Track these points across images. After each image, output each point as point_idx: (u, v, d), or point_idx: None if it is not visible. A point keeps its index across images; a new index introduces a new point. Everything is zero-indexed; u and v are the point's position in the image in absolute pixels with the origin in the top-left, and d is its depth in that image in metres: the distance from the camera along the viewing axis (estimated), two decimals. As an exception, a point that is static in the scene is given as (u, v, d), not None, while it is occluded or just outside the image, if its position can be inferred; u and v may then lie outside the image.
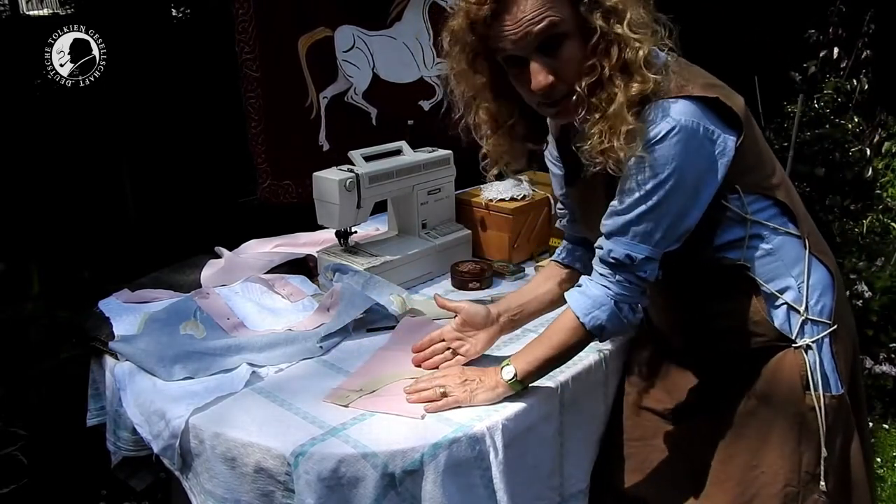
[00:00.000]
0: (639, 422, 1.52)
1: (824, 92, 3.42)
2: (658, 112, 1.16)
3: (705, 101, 1.19)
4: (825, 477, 1.29)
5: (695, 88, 1.19)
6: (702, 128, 1.18)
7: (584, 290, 1.29)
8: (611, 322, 1.27)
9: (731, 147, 1.21)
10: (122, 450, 1.52)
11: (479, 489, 1.26)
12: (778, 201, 1.30)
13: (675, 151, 1.16)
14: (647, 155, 1.16)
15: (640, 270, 1.24)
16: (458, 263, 1.92)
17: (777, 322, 1.30)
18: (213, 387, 1.40)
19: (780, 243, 1.30)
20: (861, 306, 2.77)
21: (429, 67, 3.00)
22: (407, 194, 1.96)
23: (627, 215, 1.22)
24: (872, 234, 3.36)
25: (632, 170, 1.19)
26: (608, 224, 1.25)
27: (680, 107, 1.17)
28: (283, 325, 1.65)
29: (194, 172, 2.84)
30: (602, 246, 1.26)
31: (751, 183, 1.27)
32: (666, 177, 1.17)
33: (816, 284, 1.32)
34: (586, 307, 1.27)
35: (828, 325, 1.32)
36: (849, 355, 1.36)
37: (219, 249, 2.02)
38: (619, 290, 1.26)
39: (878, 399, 2.74)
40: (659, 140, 1.16)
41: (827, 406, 1.29)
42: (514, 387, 1.32)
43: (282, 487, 1.23)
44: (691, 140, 1.17)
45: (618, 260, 1.24)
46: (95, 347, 1.60)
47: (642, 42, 1.14)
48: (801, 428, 1.30)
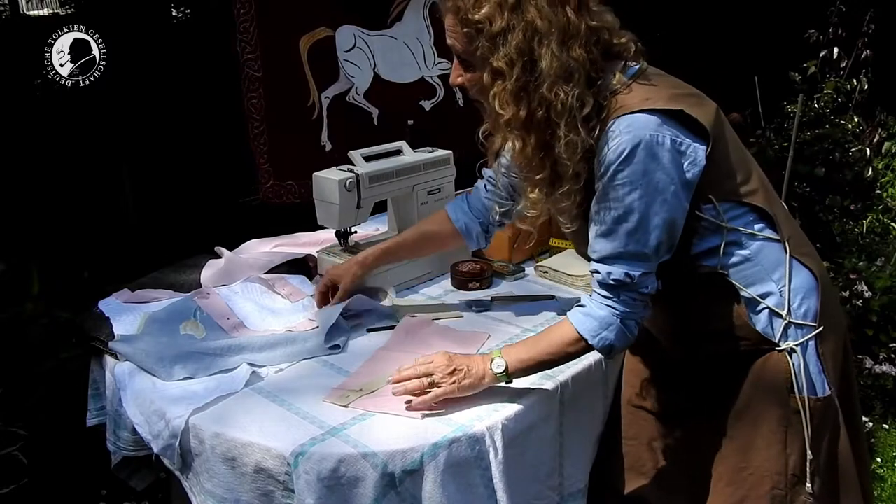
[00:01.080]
0: (634, 421, 1.52)
1: (824, 92, 3.42)
2: (620, 128, 1.17)
3: (670, 113, 1.19)
4: (812, 478, 1.29)
5: (658, 101, 1.19)
6: (668, 139, 1.18)
7: (588, 311, 1.29)
8: (619, 341, 1.28)
9: (702, 156, 1.21)
10: (122, 450, 1.52)
11: (479, 489, 1.26)
12: (755, 207, 1.29)
13: (643, 166, 1.17)
14: (617, 174, 1.17)
15: (642, 287, 1.25)
16: (457, 263, 1.92)
17: (759, 326, 1.30)
18: (213, 387, 1.40)
19: (758, 248, 1.29)
20: (861, 306, 2.77)
21: (429, 67, 3.00)
22: (407, 194, 1.96)
23: (615, 237, 1.22)
24: (872, 233, 3.36)
25: (607, 190, 1.20)
26: (598, 249, 1.26)
27: (643, 121, 1.17)
28: (283, 325, 1.65)
29: (194, 172, 2.84)
30: (599, 270, 1.26)
31: (726, 190, 1.27)
32: (642, 192, 1.18)
33: (799, 288, 1.31)
34: (593, 329, 1.27)
35: (813, 327, 1.31)
36: (838, 356, 1.35)
37: (219, 249, 2.02)
38: (624, 308, 1.26)
39: (878, 399, 2.73)
40: (626, 157, 1.17)
41: (812, 409, 1.29)
42: (500, 379, 1.33)
43: (282, 487, 1.23)
44: (659, 151, 1.17)
45: (618, 280, 1.24)
46: (95, 347, 1.60)
47: (510, 115, 1.19)
48: (786, 430, 1.30)
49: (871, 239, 3.30)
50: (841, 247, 3.12)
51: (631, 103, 1.18)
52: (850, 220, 3.36)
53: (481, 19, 1.16)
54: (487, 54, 1.18)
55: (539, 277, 1.94)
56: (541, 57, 1.15)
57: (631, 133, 1.16)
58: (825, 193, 3.34)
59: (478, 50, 1.19)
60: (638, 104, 1.18)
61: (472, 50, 1.21)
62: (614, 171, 1.18)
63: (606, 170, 1.19)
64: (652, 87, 1.22)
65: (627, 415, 1.52)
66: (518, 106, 1.18)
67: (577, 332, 1.29)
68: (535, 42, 1.15)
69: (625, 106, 1.18)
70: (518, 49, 1.15)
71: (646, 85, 1.22)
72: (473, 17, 1.17)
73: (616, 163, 1.17)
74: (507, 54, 1.16)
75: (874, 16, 3.42)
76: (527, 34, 1.15)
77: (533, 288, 1.88)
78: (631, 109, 1.18)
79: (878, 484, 2.40)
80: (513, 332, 1.62)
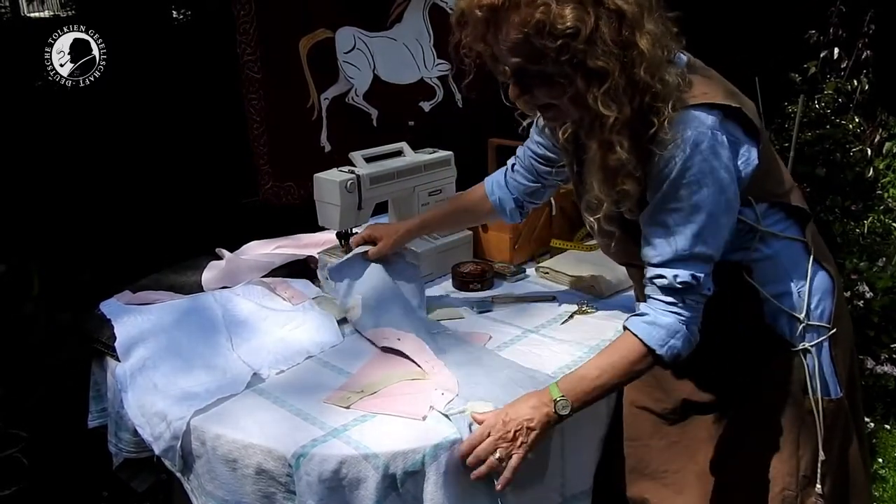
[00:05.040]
0: (636, 422, 1.51)
1: (825, 92, 3.42)
2: (684, 124, 1.13)
3: (728, 110, 1.16)
4: (822, 480, 1.29)
5: (717, 97, 1.16)
6: (726, 137, 1.15)
7: (652, 319, 1.23)
8: (685, 347, 1.23)
9: (755, 156, 1.19)
10: (123, 451, 1.52)
11: (481, 490, 1.26)
12: (791, 207, 1.28)
13: (710, 164, 1.13)
14: (685, 172, 1.13)
15: (705, 289, 1.21)
16: (459, 264, 1.92)
17: (777, 326, 1.29)
18: (214, 388, 1.39)
19: (781, 248, 1.28)
20: (862, 307, 2.77)
21: (429, 68, 3.00)
22: (408, 195, 1.96)
23: (679, 238, 1.18)
24: (873, 234, 3.36)
25: (670, 190, 1.15)
26: (662, 253, 1.20)
27: (704, 117, 1.13)
28: (285, 327, 1.65)
29: (195, 173, 2.83)
30: (663, 275, 1.20)
31: (765, 192, 1.25)
32: (708, 191, 1.14)
33: (817, 289, 1.31)
34: (661, 338, 1.21)
35: (827, 328, 1.31)
36: (847, 359, 1.35)
37: (220, 251, 2.02)
38: (689, 313, 1.22)
39: (879, 400, 2.73)
40: (690, 155, 1.12)
41: (825, 410, 1.28)
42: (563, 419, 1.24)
43: (283, 489, 1.23)
44: (720, 149, 1.14)
45: (685, 283, 1.19)
46: (96, 349, 1.60)
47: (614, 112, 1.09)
48: (799, 432, 1.30)
49: (873, 239, 3.29)
50: (842, 247, 3.12)
51: (692, 96, 1.14)
52: (851, 221, 3.36)
53: (572, 25, 1.05)
54: (582, 58, 1.07)
55: (540, 278, 1.94)
56: (637, 41, 1.07)
57: (696, 129, 1.12)
58: (826, 194, 3.34)
59: (565, 58, 1.08)
60: (699, 97, 1.14)
61: (552, 60, 1.09)
62: (680, 169, 1.13)
63: (669, 168, 1.14)
64: (708, 81, 1.18)
65: (630, 416, 1.52)
66: (624, 102, 1.10)
67: (644, 345, 1.22)
68: (625, 28, 1.07)
69: (684, 98, 1.13)
70: (613, 41, 1.06)
71: (703, 77, 1.17)
72: (563, 27, 1.05)
73: (682, 161, 1.13)
74: (604, 51, 1.06)
75: (874, 16, 3.41)
76: (617, 23, 1.07)
77: (534, 289, 1.87)
78: (692, 103, 1.13)
79: (880, 484, 2.40)
80: (514, 333, 1.62)
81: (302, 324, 1.65)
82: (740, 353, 1.33)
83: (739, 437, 1.35)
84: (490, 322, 1.69)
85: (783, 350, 1.30)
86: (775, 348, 1.30)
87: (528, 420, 1.21)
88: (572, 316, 1.71)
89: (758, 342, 1.31)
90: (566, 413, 1.22)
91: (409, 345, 1.51)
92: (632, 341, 1.23)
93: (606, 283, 1.80)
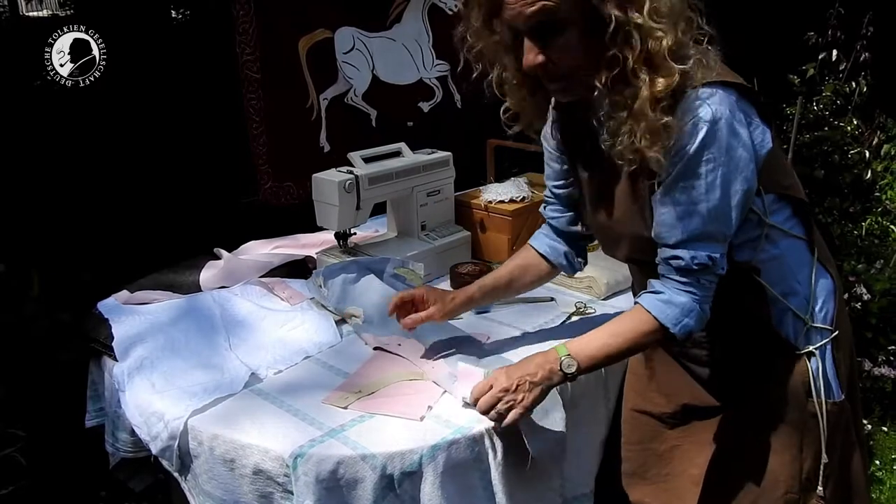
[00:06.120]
0: (637, 425, 1.51)
1: (823, 94, 3.43)
2: (698, 103, 1.11)
3: (742, 89, 1.15)
4: (825, 483, 1.28)
5: (729, 76, 1.15)
6: (744, 115, 1.15)
7: (667, 297, 1.23)
8: (697, 325, 1.23)
9: (769, 138, 1.18)
10: (121, 451, 1.52)
11: (478, 490, 1.26)
12: (792, 200, 1.27)
13: (727, 142, 1.12)
14: (703, 149, 1.12)
15: (719, 268, 1.21)
16: (457, 265, 1.92)
17: (782, 328, 1.28)
18: (211, 388, 1.40)
19: (786, 247, 1.27)
20: (860, 309, 2.77)
21: (428, 69, 3.00)
22: (406, 196, 1.97)
23: (695, 217, 1.16)
24: (871, 236, 3.37)
25: (686, 168, 1.14)
26: (676, 233, 1.18)
27: (720, 95, 1.12)
28: (283, 327, 1.65)
29: (194, 173, 2.83)
30: (680, 255, 1.19)
31: (773, 181, 1.23)
32: (724, 169, 1.13)
33: (821, 291, 1.30)
34: (675, 317, 1.22)
35: (830, 331, 1.30)
36: (847, 361, 1.35)
37: (218, 251, 2.02)
38: (703, 292, 1.22)
39: (876, 402, 2.74)
40: (708, 132, 1.11)
41: (829, 413, 1.28)
42: (569, 379, 1.27)
43: (280, 489, 1.23)
44: (738, 127, 1.13)
45: (701, 264, 1.18)
46: (94, 348, 1.60)
47: (666, 32, 1.07)
48: (802, 435, 1.29)
49: (870, 241, 3.30)
50: (840, 249, 3.12)
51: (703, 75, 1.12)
52: (849, 223, 3.37)
53: None
54: None
55: (538, 279, 1.94)
56: None
57: (713, 105, 1.11)
58: (824, 196, 3.34)
59: None
60: (715, 75, 1.13)
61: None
62: (698, 146, 1.11)
63: (685, 145, 1.12)
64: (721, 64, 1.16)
65: (630, 419, 1.52)
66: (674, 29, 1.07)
67: (657, 321, 1.22)
68: None
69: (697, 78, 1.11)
70: None
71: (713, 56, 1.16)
72: None
73: (699, 138, 1.11)
74: None
75: (873, 18, 3.42)
76: None
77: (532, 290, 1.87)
78: (709, 79, 1.12)
79: (877, 487, 2.40)
80: (512, 334, 1.62)
81: (300, 324, 1.65)
82: (744, 356, 1.32)
83: (741, 439, 1.34)
84: (488, 322, 1.69)
85: (787, 353, 1.29)
86: (780, 352, 1.29)
87: (531, 375, 1.24)
88: (570, 317, 1.72)
89: (763, 346, 1.30)
90: (571, 372, 1.25)
91: (409, 349, 1.51)
92: (645, 317, 1.24)
93: (605, 285, 1.80)
